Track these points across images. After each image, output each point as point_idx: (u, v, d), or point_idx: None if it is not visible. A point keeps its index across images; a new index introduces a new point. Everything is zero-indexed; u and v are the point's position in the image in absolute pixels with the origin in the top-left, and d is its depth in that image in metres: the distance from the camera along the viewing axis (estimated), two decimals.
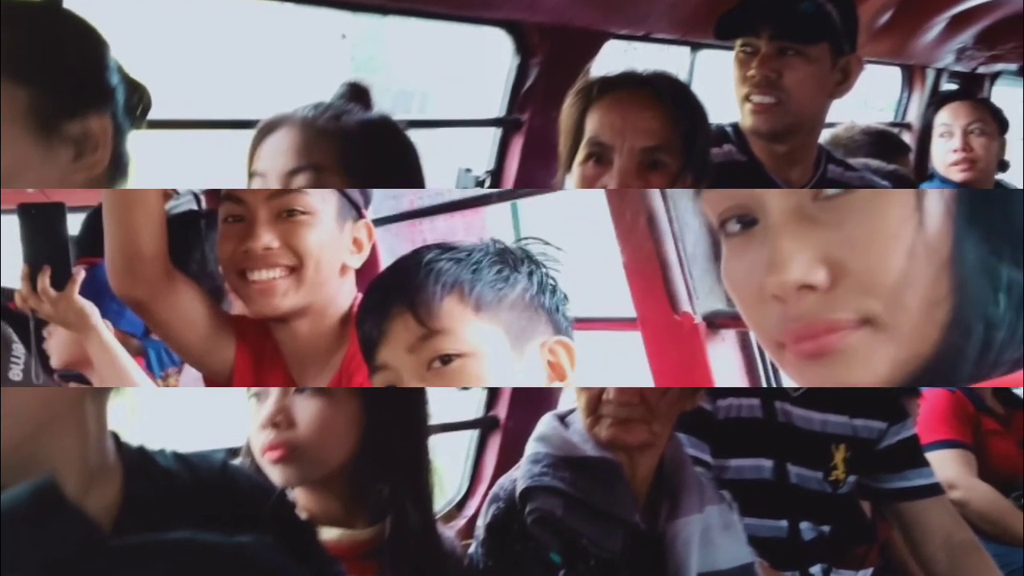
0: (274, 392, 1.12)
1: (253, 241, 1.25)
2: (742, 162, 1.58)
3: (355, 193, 1.33)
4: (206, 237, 1.85)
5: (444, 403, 1.43)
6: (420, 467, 1.20)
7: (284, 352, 1.34)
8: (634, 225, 1.53)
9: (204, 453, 0.96)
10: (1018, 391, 2.17)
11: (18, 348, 2.18)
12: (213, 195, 2.31)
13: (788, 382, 0.80)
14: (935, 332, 0.63)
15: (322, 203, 1.28)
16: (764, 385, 1.54)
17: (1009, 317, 0.64)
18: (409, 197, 2.08)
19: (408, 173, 1.25)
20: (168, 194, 2.47)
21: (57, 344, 1.90)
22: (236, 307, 1.57)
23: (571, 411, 1.34)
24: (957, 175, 2.52)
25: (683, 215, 1.50)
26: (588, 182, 1.33)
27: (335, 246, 1.29)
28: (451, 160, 1.99)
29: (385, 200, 2.23)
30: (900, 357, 0.63)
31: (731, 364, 1.54)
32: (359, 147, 1.19)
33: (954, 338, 0.63)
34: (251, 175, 1.22)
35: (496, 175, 1.96)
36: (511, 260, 0.98)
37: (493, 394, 2.09)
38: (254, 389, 1.15)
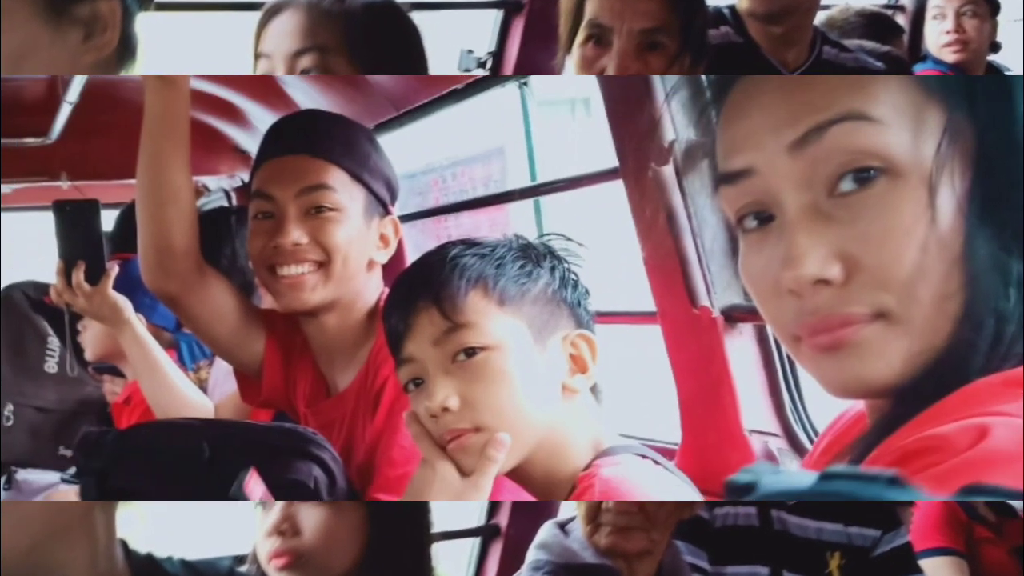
0: (279, 502, 1.14)
1: (282, 237, 1.28)
2: (739, 44, 1.56)
3: (382, 190, 1.36)
4: (236, 233, 1.89)
5: (446, 511, 1.44)
6: (423, 575, 1.21)
7: (313, 346, 1.37)
8: (654, 221, 1.53)
9: (211, 561, 0.97)
10: (1015, 503, 2.15)
11: (53, 341, 2.23)
12: (243, 192, 2.35)
13: (804, 374, 0.82)
14: (947, 326, 0.64)
15: (350, 200, 1.31)
16: (781, 376, 1.56)
17: (1019, 311, 0.64)
18: (435, 194, 2.09)
19: (411, 55, 1.27)
20: (199, 191, 2.52)
21: (91, 337, 1.95)
22: (266, 301, 1.60)
23: (571, 519, 1.35)
24: (950, 56, 2.50)
25: (701, 211, 1.50)
26: (587, 63, 1.33)
27: (362, 242, 1.32)
28: (453, 42, 1.97)
29: (411, 197, 2.25)
30: (913, 350, 0.64)
31: (748, 357, 1.55)
32: (363, 29, 1.20)
33: (966, 332, 0.64)
34: (257, 56, 1.23)
35: (497, 57, 1.95)
36: (534, 255, 1.00)
37: (494, 503, 2.09)
38: (259, 499, 1.17)
